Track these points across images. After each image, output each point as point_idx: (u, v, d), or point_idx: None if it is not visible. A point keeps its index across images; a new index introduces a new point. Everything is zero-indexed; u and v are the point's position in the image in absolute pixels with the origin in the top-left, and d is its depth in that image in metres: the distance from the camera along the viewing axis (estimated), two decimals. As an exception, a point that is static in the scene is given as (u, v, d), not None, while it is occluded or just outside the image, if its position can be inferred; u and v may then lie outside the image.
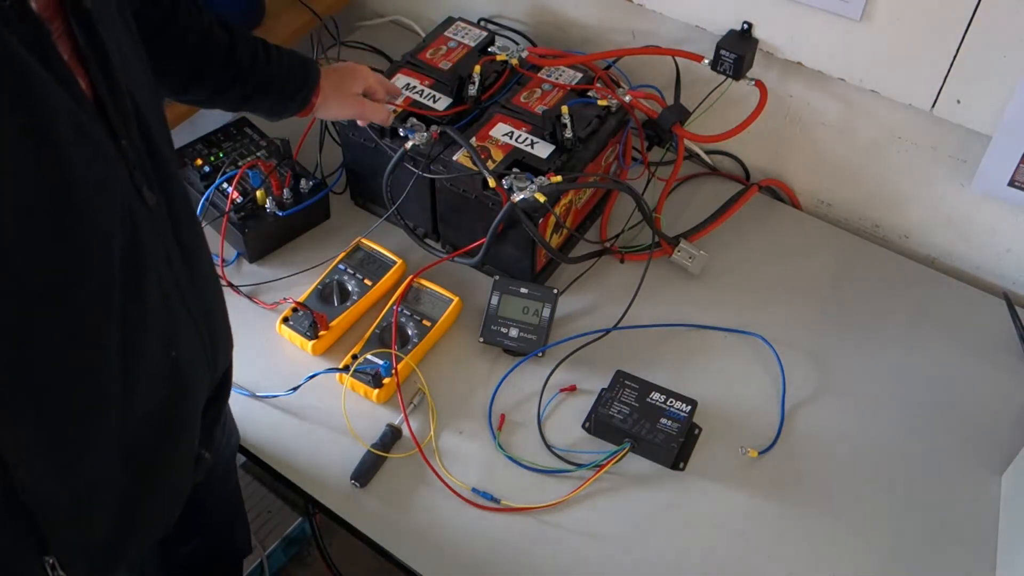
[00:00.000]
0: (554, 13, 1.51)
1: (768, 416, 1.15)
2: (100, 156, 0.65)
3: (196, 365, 0.85)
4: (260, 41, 1.07)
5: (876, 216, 1.40)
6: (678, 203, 1.41)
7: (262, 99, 1.09)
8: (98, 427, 0.73)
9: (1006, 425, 1.15)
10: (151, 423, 0.79)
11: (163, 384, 0.79)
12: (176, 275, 0.78)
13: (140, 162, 0.71)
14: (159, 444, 0.82)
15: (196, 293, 0.82)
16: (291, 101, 1.11)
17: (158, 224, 0.74)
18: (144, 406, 0.77)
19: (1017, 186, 1.14)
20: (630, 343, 1.22)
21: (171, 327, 0.78)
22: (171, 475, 0.87)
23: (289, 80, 1.10)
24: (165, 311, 0.76)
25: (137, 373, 0.74)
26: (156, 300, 0.75)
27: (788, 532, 1.06)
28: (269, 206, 1.28)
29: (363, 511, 1.07)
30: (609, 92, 1.31)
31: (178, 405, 0.83)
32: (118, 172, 0.68)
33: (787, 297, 1.29)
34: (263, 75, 1.06)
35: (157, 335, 0.76)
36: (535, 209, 1.16)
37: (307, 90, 1.11)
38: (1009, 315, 1.25)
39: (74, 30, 0.64)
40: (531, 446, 1.12)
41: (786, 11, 1.18)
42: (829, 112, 1.33)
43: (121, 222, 0.68)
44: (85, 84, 0.65)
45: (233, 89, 1.06)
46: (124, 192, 0.69)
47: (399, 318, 1.21)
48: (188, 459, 0.89)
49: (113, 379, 0.72)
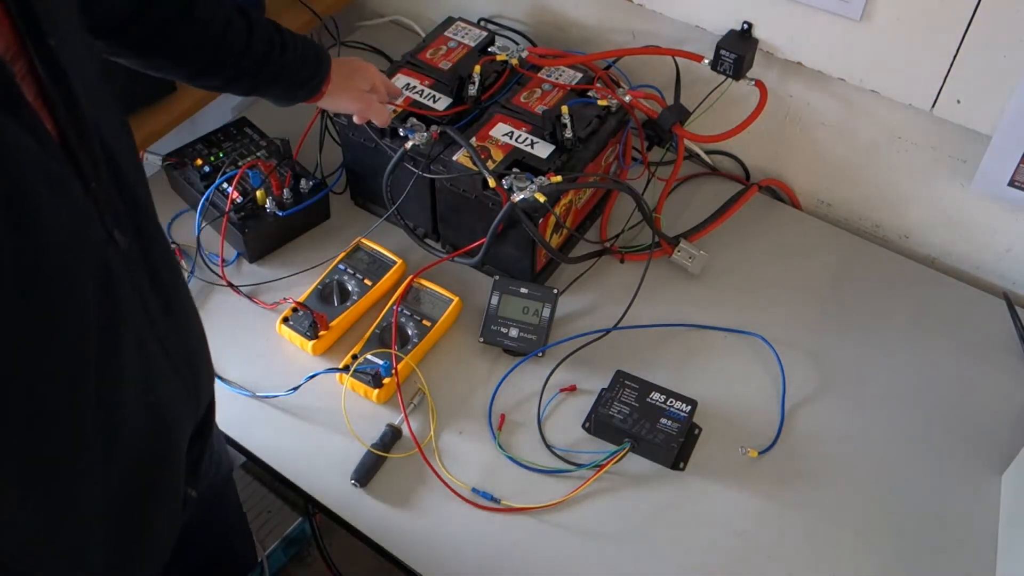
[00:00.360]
0: (554, 13, 1.51)
1: (768, 416, 1.15)
2: (69, 201, 0.62)
3: (178, 407, 0.82)
4: (276, 29, 1.07)
5: (876, 216, 1.40)
6: (678, 203, 1.41)
7: (274, 86, 1.10)
8: (80, 483, 0.70)
9: (1006, 425, 1.15)
10: (135, 471, 0.76)
11: (144, 431, 0.76)
12: (152, 317, 0.75)
13: (111, 204, 0.68)
14: (144, 491, 0.79)
15: (174, 333, 0.79)
16: (301, 89, 1.12)
17: (131, 267, 0.71)
18: (126, 455, 0.74)
19: (1017, 186, 1.14)
20: (630, 343, 1.22)
21: (149, 372, 0.75)
22: (158, 519, 0.84)
23: (302, 69, 1.10)
24: (141, 357, 0.73)
25: (116, 424, 0.71)
26: (131, 346, 0.71)
27: (788, 532, 1.06)
28: (269, 206, 1.28)
29: (363, 511, 1.07)
30: (609, 92, 1.31)
31: (162, 449, 0.80)
32: (88, 216, 0.65)
33: (787, 297, 1.29)
34: (277, 65, 1.06)
35: (135, 383, 0.73)
36: (535, 209, 1.16)
37: (318, 79, 1.12)
38: (1009, 315, 1.25)
39: (38, 70, 0.60)
40: (531, 446, 1.12)
41: (786, 11, 1.18)
42: (829, 112, 1.33)
43: (93, 268, 0.65)
44: (51, 126, 0.62)
45: (247, 78, 1.06)
46: (95, 237, 0.66)
47: (399, 318, 1.21)
48: (175, 501, 0.86)
49: (92, 433, 0.69)
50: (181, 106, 1.37)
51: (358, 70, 1.18)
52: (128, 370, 0.71)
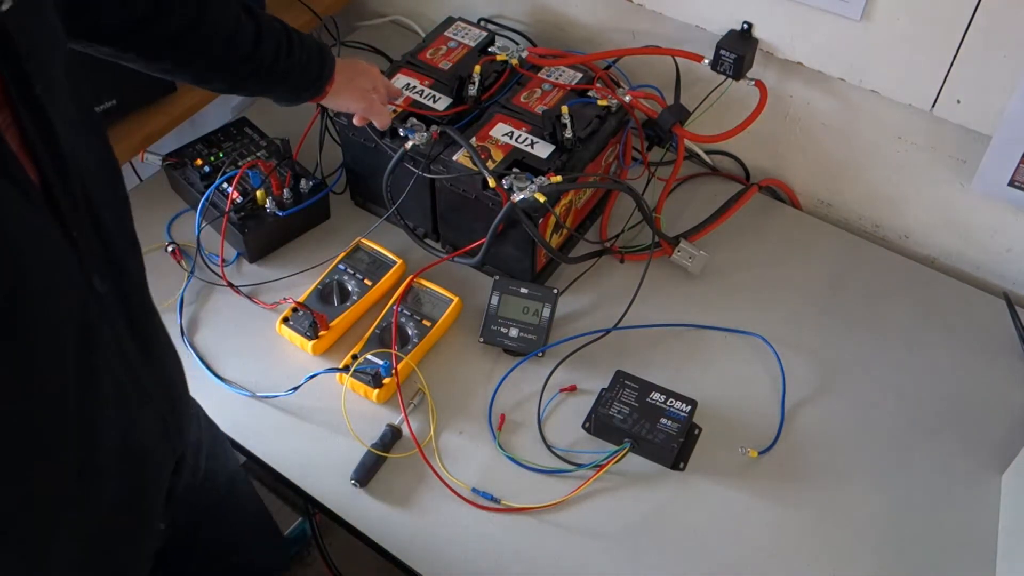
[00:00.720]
0: (554, 13, 1.51)
1: (768, 416, 1.15)
2: (50, 250, 0.62)
3: (158, 450, 0.82)
4: (283, 30, 1.06)
5: (876, 216, 1.40)
6: (678, 203, 1.41)
7: (280, 87, 1.10)
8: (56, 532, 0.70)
9: (1006, 425, 1.15)
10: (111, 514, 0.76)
11: (123, 475, 0.75)
12: (129, 360, 0.74)
13: (90, 249, 0.67)
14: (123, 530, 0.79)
15: (152, 373, 0.79)
16: (307, 90, 1.12)
17: (108, 311, 0.70)
18: (104, 500, 0.74)
19: (1017, 186, 1.14)
20: (630, 343, 1.22)
21: (128, 418, 0.74)
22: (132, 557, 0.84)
23: (308, 70, 1.10)
24: (120, 400, 0.73)
25: (95, 471, 0.71)
26: (110, 390, 0.71)
27: (788, 532, 1.06)
28: (269, 206, 1.28)
29: (363, 511, 1.07)
30: (609, 92, 1.31)
31: (139, 490, 0.80)
32: (68, 263, 0.64)
33: (787, 297, 1.29)
34: (284, 66, 1.06)
35: (114, 430, 0.72)
36: (535, 209, 1.16)
37: (323, 79, 1.12)
38: (1009, 315, 1.25)
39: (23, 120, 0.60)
40: (531, 446, 1.12)
41: (786, 11, 1.18)
42: (829, 112, 1.33)
43: (72, 315, 0.64)
44: (34, 175, 0.61)
45: (254, 80, 1.06)
46: (74, 282, 0.65)
47: (399, 318, 1.21)
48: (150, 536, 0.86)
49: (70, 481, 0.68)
50: (181, 106, 1.37)
51: (362, 71, 1.18)
52: (107, 418, 0.70)
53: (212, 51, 1.00)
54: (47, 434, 0.65)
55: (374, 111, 1.19)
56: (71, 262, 0.64)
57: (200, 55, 1.00)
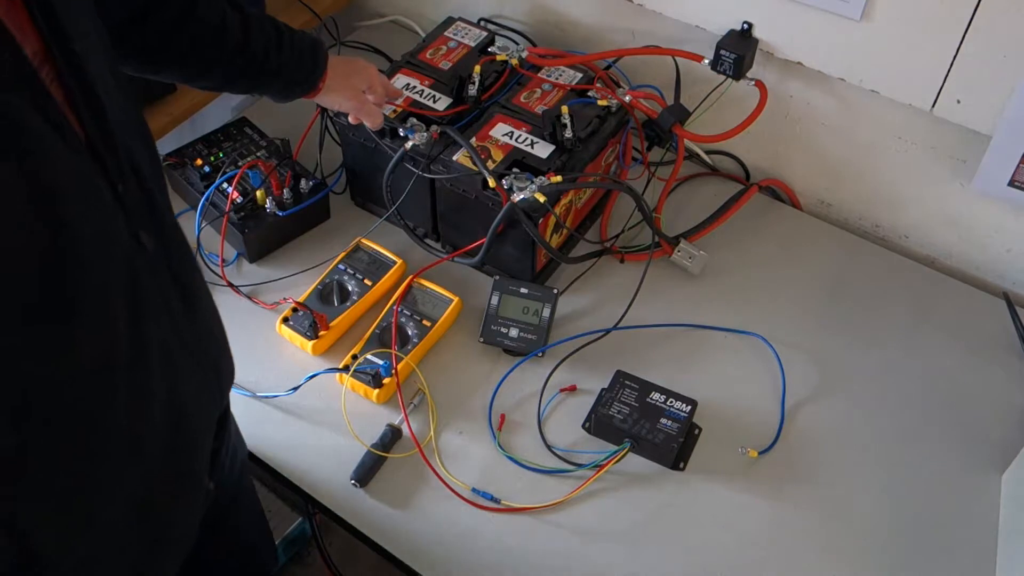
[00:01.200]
0: (554, 13, 1.51)
1: (768, 416, 1.15)
2: (98, 203, 0.63)
3: (202, 405, 0.83)
4: (273, 26, 1.06)
5: (876, 216, 1.40)
6: (678, 203, 1.41)
7: (272, 83, 1.10)
8: (107, 484, 0.71)
9: (1006, 425, 1.15)
10: (159, 470, 0.76)
11: (171, 433, 0.76)
12: (175, 319, 0.75)
13: (135, 205, 0.68)
14: (170, 490, 0.80)
15: (196, 333, 0.80)
16: (299, 86, 1.12)
17: (156, 268, 0.71)
18: (152, 455, 0.75)
19: (1017, 186, 1.14)
20: (630, 343, 1.22)
21: (174, 373, 0.75)
22: (180, 514, 0.84)
23: (300, 66, 1.10)
24: (166, 359, 0.73)
25: (143, 425, 0.72)
26: (157, 348, 0.71)
27: (788, 532, 1.06)
28: (269, 206, 1.28)
29: (363, 511, 1.07)
30: (609, 92, 1.31)
31: (185, 446, 0.80)
32: (116, 218, 0.65)
33: (787, 297, 1.29)
34: (275, 62, 1.06)
35: (161, 384, 0.73)
36: (535, 209, 1.16)
37: (315, 76, 1.12)
38: (1009, 315, 1.25)
39: (64, 76, 0.61)
40: (531, 446, 1.12)
41: (786, 11, 1.18)
42: (829, 112, 1.33)
43: (121, 270, 0.65)
44: (78, 130, 0.62)
45: (244, 77, 1.06)
46: (122, 239, 0.66)
47: (399, 318, 1.21)
48: (197, 494, 0.86)
49: (120, 435, 0.69)
50: (181, 106, 1.37)
51: (357, 70, 1.18)
52: (155, 372, 0.71)
53: (203, 45, 1.00)
54: (98, 387, 0.65)
55: (364, 111, 1.19)
56: (118, 216, 0.65)
57: (192, 50, 0.99)
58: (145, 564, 0.80)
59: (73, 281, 0.59)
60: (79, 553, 0.71)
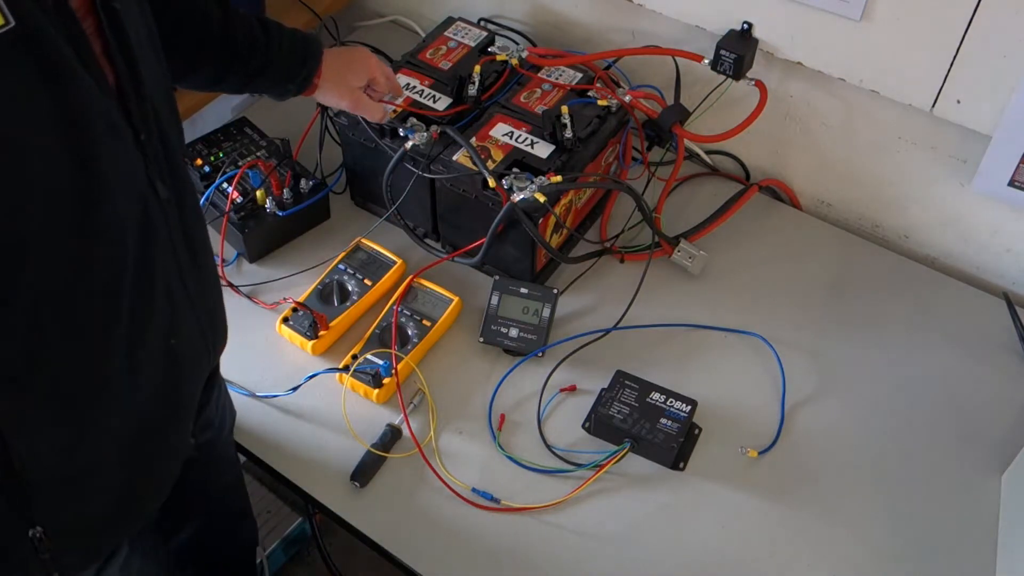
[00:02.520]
0: (554, 13, 1.51)
1: (768, 416, 1.15)
2: (124, 148, 0.69)
3: (195, 352, 0.88)
4: (257, 20, 1.06)
5: (876, 216, 1.40)
6: (678, 203, 1.41)
7: (261, 80, 1.09)
8: (99, 410, 0.76)
9: (1006, 425, 1.15)
10: (151, 408, 0.81)
11: (164, 371, 0.81)
12: (180, 266, 0.80)
13: (156, 156, 0.74)
14: (158, 428, 0.84)
15: (197, 283, 0.85)
16: (291, 83, 1.11)
17: (168, 217, 0.77)
18: (145, 392, 0.80)
19: (1017, 186, 1.14)
20: (630, 343, 1.22)
21: (173, 317, 0.80)
22: (167, 456, 0.89)
23: (288, 62, 1.09)
24: (169, 304, 0.79)
25: (140, 360, 0.77)
26: (161, 290, 0.77)
27: (788, 532, 1.06)
28: (269, 206, 1.28)
29: (363, 511, 1.07)
30: (609, 92, 1.31)
31: (177, 390, 0.86)
32: (137, 166, 0.71)
33: (787, 297, 1.29)
34: (261, 58, 1.06)
35: (160, 324, 0.78)
36: (535, 209, 1.16)
37: (307, 71, 1.10)
38: (1009, 315, 1.25)
39: (104, 29, 0.67)
40: (531, 446, 1.12)
41: (786, 11, 1.18)
42: (829, 112, 1.33)
43: (137, 213, 0.71)
44: (112, 80, 0.68)
45: (231, 75, 1.06)
46: (140, 182, 0.72)
47: (399, 318, 1.21)
48: (184, 440, 0.91)
49: (117, 365, 0.74)
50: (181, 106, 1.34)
51: (356, 62, 1.16)
52: (156, 314, 0.77)
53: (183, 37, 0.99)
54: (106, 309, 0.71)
55: (362, 107, 1.18)
56: (139, 163, 0.71)
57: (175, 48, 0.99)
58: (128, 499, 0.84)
59: (98, 206, 0.66)
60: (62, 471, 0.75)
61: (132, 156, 0.70)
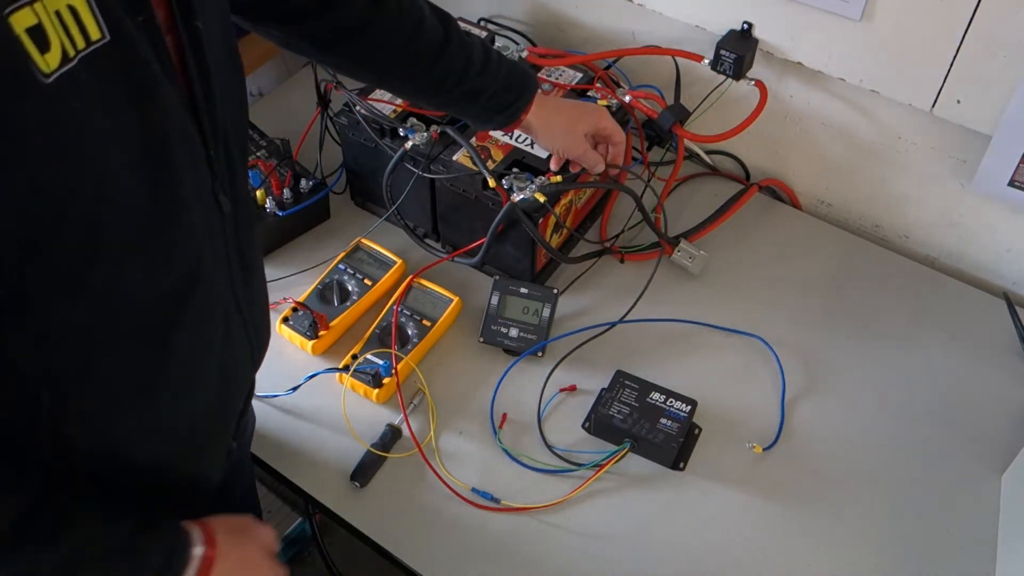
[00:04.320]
0: (554, 13, 1.51)
1: (768, 416, 1.15)
2: (195, 162, 0.70)
3: (242, 367, 0.89)
4: (479, 46, 1.04)
5: (876, 216, 1.40)
6: (678, 203, 1.41)
7: (470, 106, 1.08)
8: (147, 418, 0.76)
9: (1006, 425, 1.15)
10: (196, 421, 0.82)
11: (212, 384, 0.81)
12: (234, 281, 0.81)
13: (221, 172, 0.75)
14: (200, 441, 0.85)
15: (249, 300, 0.85)
16: (499, 114, 1.09)
17: (226, 231, 0.77)
18: (192, 404, 0.80)
19: (1017, 186, 1.14)
20: (630, 342, 1.22)
21: (224, 331, 0.81)
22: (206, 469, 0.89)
23: (502, 94, 1.07)
24: (223, 319, 0.80)
25: (190, 371, 0.77)
26: (217, 301, 0.78)
27: (787, 532, 1.06)
28: (269, 206, 1.28)
29: (363, 511, 1.07)
30: (609, 92, 1.31)
31: (222, 404, 0.86)
32: (205, 180, 0.72)
33: (787, 297, 1.29)
34: (473, 84, 1.04)
35: (216, 331, 0.79)
36: (535, 209, 1.16)
37: (517, 107, 1.09)
38: (1009, 315, 1.25)
39: (184, 46, 0.68)
40: (531, 446, 1.12)
41: (786, 11, 1.18)
42: (829, 112, 1.33)
43: (200, 221, 0.72)
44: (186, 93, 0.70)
45: (439, 91, 1.05)
46: (206, 195, 0.73)
47: (399, 318, 1.21)
48: (221, 453, 0.91)
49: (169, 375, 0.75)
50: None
51: (586, 115, 1.16)
52: (210, 324, 0.78)
53: (389, 46, 0.99)
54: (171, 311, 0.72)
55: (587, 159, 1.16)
56: (207, 177, 0.73)
57: (376, 49, 0.99)
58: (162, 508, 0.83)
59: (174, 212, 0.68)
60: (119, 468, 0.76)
61: (202, 171, 0.72)
